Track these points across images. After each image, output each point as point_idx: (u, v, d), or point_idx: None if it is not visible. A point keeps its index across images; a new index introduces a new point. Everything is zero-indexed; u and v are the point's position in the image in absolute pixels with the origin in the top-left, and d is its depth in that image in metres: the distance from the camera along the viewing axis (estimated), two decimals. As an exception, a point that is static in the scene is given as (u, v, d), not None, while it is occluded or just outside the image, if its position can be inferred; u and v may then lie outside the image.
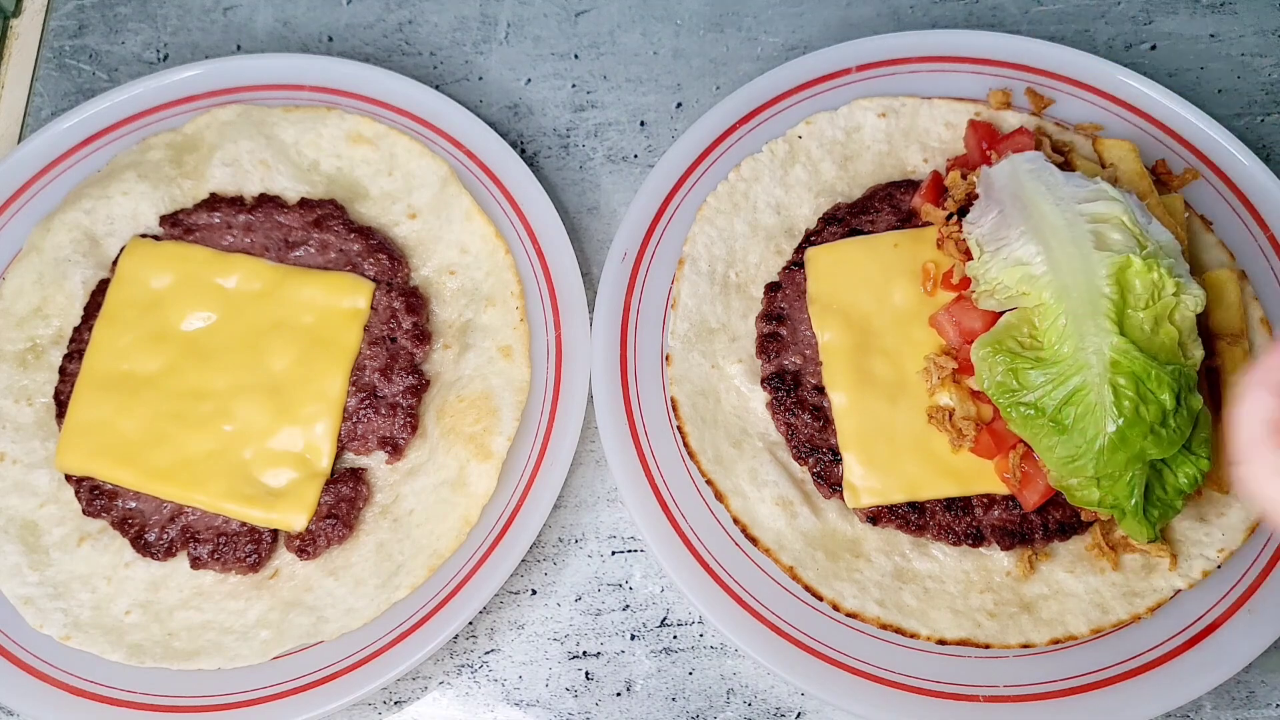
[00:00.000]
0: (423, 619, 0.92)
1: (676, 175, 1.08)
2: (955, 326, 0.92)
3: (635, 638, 0.98)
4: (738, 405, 0.99)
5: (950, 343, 0.94)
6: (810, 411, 0.96)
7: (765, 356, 0.99)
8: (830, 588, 0.91)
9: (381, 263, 1.03)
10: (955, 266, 0.94)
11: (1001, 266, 0.88)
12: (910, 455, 0.92)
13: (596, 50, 1.23)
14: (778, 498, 0.94)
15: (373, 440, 0.98)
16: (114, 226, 1.08)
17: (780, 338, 0.99)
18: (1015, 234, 0.88)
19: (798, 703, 0.95)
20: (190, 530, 0.95)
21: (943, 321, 0.93)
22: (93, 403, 0.98)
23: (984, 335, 0.88)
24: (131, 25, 1.27)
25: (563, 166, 1.17)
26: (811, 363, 0.97)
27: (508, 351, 1.00)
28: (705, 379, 1.00)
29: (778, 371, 0.98)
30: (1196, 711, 0.94)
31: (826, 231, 1.03)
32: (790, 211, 1.06)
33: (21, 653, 0.94)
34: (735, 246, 1.05)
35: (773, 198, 1.06)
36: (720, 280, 1.03)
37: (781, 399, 0.96)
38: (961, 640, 0.89)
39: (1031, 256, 0.86)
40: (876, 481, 0.92)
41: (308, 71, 1.16)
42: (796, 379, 0.97)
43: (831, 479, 0.94)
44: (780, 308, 1.00)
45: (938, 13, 1.23)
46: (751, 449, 0.97)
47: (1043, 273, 0.86)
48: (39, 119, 1.23)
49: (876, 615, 0.90)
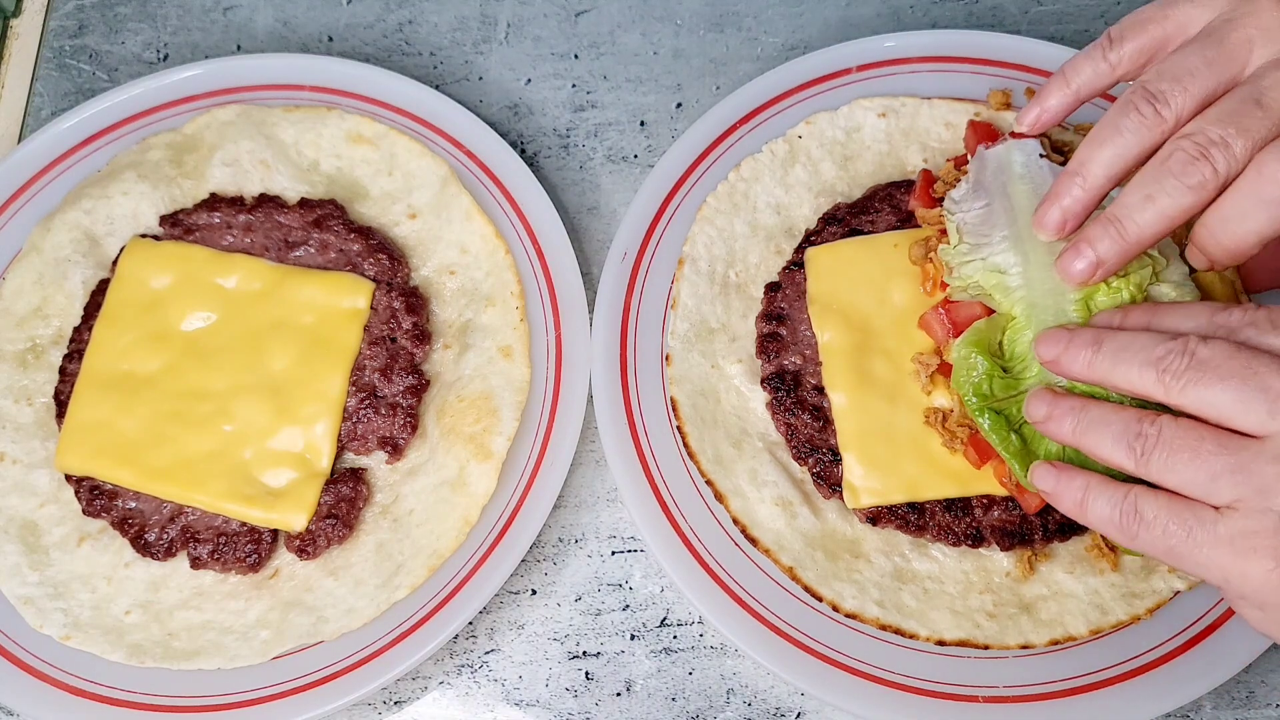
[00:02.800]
0: (423, 619, 0.92)
1: (677, 175, 1.08)
2: (943, 325, 0.92)
3: (635, 638, 0.98)
4: (738, 405, 0.99)
5: (938, 341, 0.93)
6: (810, 411, 0.96)
7: (765, 356, 0.99)
8: (830, 588, 0.91)
9: (381, 263, 1.03)
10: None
11: (979, 268, 0.87)
12: (910, 456, 0.92)
13: (596, 50, 1.23)
14: (777, 498, 0.94)
15: (373, 440, 0.98)
16: (114, 226, 1.08)
17: (780, 338, 0.99)
18: (998, 237, 0.87)
19: (797, 703, 0.95)
20: (190, 530, 0.95)
21: (931, 320, 0.93)
22: (93, 403, 0.98)
23: (962, 336, 0.87)
24: (131, 25, 1.27)
25: (563, 166, 1.17)
26: (811, 363, 0.97)
27: (508, 351, 1.00)
28: (705, 379, 1.00)
29: (777, 371, 0.98)
30: (1196, 711, 0.94)
31: (826, 231, 1.02)
32: (790, 212, 1.06)
33: (21, 653, 0.94)
34: (735, 246, 1.05)
35: (773, 198, 1.06)
36: (720, 280, 1.03)
37: (781, 399, 0.96)
38: (961, 641, 0.89)
39: (1010, 266, 0.86)
40: (876, 482, 0.92)
41: (308, 71, 1.16)
42: (796, 379, 0.97)
43: (831, 479, 0.94)
44: (780, 308, 1.00)
45: (938, 13, 1.23)
46: (751, 449, 0.97)
47: (1017, 286, 0.85)
48: (39, 119, 1.23)
49: (876, 616, 0.90)
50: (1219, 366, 0.68)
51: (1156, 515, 0.70)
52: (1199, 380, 0.69)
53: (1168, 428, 0.70)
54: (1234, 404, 0.67)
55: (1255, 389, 0.67)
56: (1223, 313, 0.73)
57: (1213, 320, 0.73)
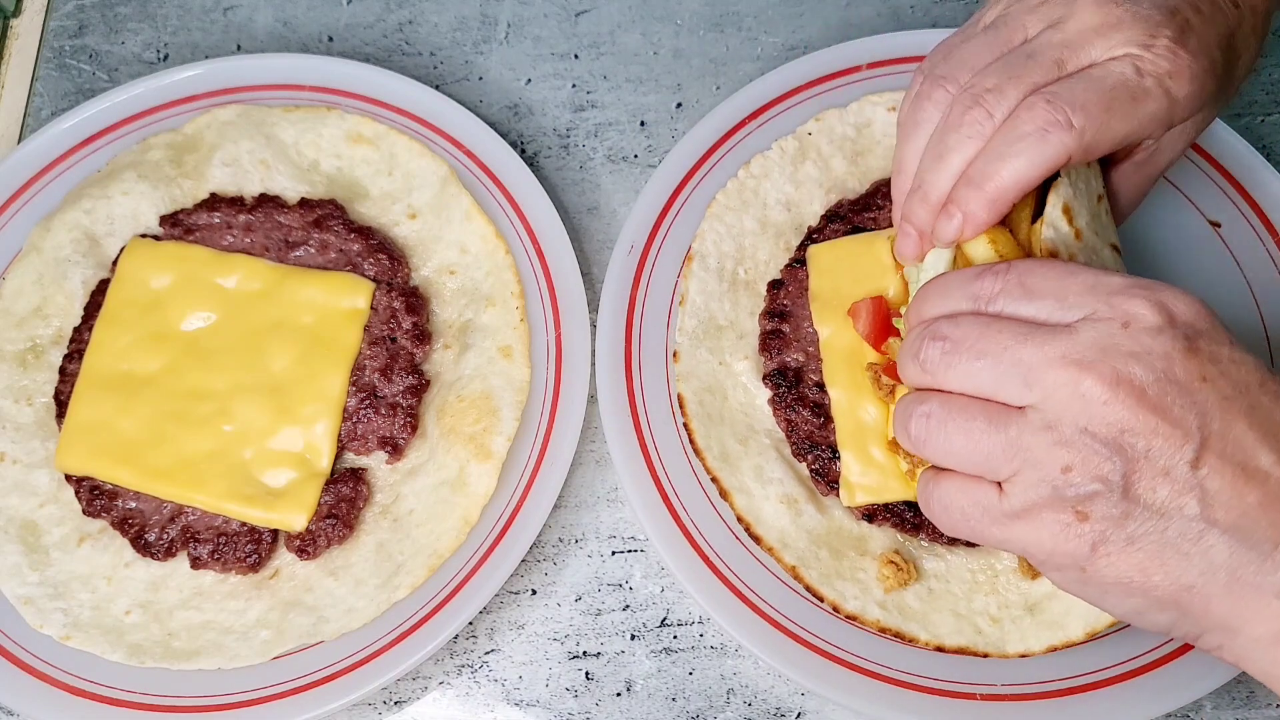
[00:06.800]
0: (423, 619, 0.92)
1: (686, 168, 1.08)
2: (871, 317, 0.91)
3: (635, 638, 0.98)
4: (744, 402, 0.99)
5: (864, 336, 0.92)
6: (811, 408, 0.95)
7: (767, 353, 0.99)
8: (832, 588, 0.91)
9: (381, 263, 1.03)
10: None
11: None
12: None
13: (596, 50, 1.23)
14: (782, 495, 0.94)
15: (373, 440, 0.98)
16: (114, 226, 1.08)
17: (783, 334, 0.99)
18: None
19: (798, 703, 0.95)
20: (190, 530, 0.95)
21: (860, 311, 0.92)
22: (93, 403, 0.98)
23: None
24: (131, 25, 1.27)
25: (563, 166, 1.17)
26: (813, 359, 0.97)
27: (508, 351, 1.00)
28: (712, 375, 1.00)
29: (779, 368, 0.98)
30: (1196, 711, 0.94)
31: (829, 229, 1.02)
32: (801, 208, 1.06)
33: (21, 653, 0.94)
34: (744, 243, 1.04)
35: (783, 194, 1.06)
36: (729, 277, 1.03)
37: (782, 395, 0.96)
38: (960, 649, 0.89)
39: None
40: (873, 480, 0.91)
41: (308, 71, 1.16)
42: (798, 375, 0.97)
43: (830, 476, 0.94)
44: (783, 304, 1.00)
45: (938, 13, 1.23)
46: (758, 446, 0.97)
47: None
48: (39, 119, 1.23)
49: (877, 619, 0.90)
50: (971, 345, 0.69)
51: (953, 500, 0.71)
52: (954, 363, 0.70)
53: (938, 408, 0.71)
54: (992, 381, 0.68)
55: (1008, 364, 0.67)
56: (976, 281, 0.72)
57: (967, 291, 0.73)
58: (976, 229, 0.78)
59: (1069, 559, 0.67)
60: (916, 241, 0.83)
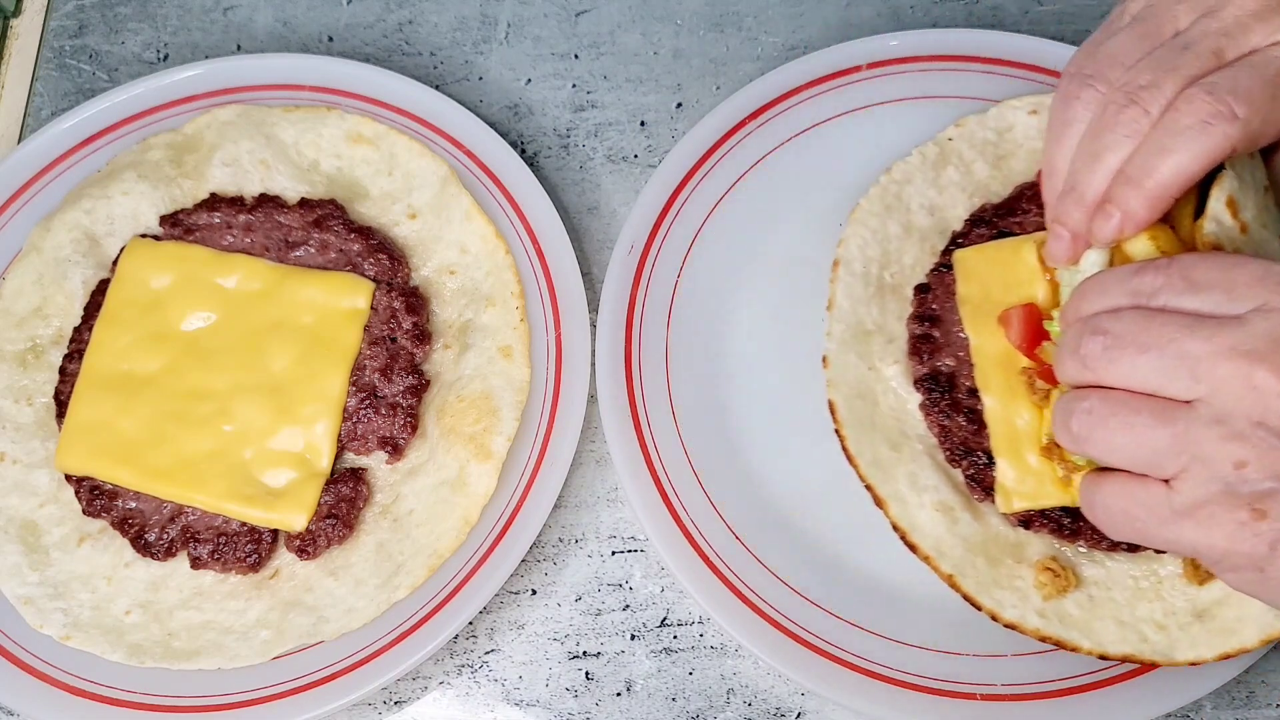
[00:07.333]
0: (423, 619, 0.92)
1: (686, 168, 1.07)
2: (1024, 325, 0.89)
3: (635, 638, 0.98)
4: (895, 407, 0.96)
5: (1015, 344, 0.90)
6: (964, 414, 0.93)
7: (918, 358, 0.96)
8: (990, 597, 0.87)
9: (381, 263, 1.03)
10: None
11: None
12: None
13: (596, 50, 1.23)
14: (937, 503, 0.91)
15: (373, 440, 0.98)
16: (114, 226, 1.08)
17: (933, 339, 0.96)
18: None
19: (798, 703, 0.95)
20: (190, 530, 0.95)
21: (1012, 318, 0.90)
22: (93, 403, 0.98)
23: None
24: (131, 25, 1.27)
25: (563, 166, 1.17)
26: (965, 364, 0.94)
27: (508, 351, 1.00)
28: (862, 381, 0.97)
29: (931, 373, 0.95)
30: (1196, 711, 0.94)
31: (974, 233, 1.00)
32: (945, 213, 1.03)
33: (21, 653, 0.94)
34: (889, 248, 1.02)
35: (926, 199, 1.03)
36: (875, 281, 1.00)
37: (935, 401, 0.94)
38: (1125, 656, 0.85)
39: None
40: (1029, 486, 0.88)
41: (308, 71, 1.16)
42: (950, 381, 0.94)
43: (985, 482, 0.91)
44: (931, 309, 0.98)
45: (938, 13, 1.23)
46: (911, 452, 0.94)
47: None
48: (39, 119, 1.23)
49: (1036, 627, 0.86)
50: (1135, 338, 0.67)
51: (1117, 502, 0.70)
52: (1117, 358, 0.68)
53: (1099, 404, 0.69)
54: (1157, 374, 0.66)
55: (1174, 356, 0.65)
56: (1136, 277, 0.71)
57: (1128, 287, 0.71)
58: (1136, 227, 0.75)
59: (1246, 559, 0.64)
60: (1069, 244, 0.80)
